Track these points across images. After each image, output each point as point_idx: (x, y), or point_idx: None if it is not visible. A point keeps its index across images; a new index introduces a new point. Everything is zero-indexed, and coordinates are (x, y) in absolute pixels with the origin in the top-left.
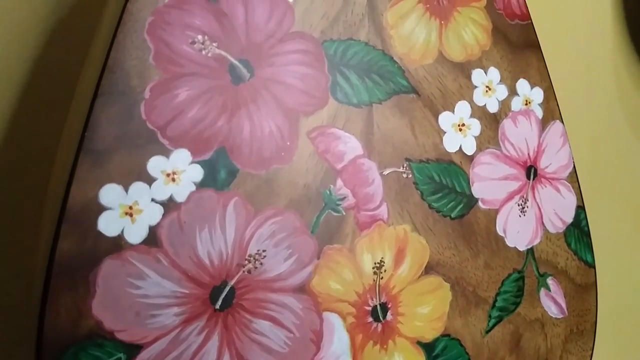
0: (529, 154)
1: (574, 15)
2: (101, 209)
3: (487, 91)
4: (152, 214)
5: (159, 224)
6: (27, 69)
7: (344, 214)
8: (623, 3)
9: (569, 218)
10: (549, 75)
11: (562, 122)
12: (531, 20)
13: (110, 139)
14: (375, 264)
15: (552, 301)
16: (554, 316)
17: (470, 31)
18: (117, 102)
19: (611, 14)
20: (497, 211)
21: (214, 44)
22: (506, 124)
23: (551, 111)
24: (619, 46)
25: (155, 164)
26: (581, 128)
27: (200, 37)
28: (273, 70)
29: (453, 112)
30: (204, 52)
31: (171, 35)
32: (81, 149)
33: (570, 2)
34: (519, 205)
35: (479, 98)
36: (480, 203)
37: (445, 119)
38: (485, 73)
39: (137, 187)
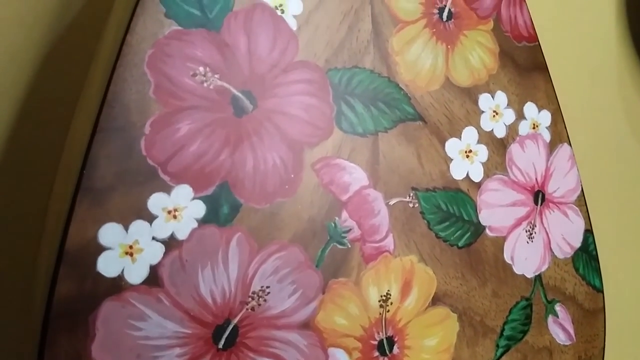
0: (536, 179)
1: (577, 23)
2: (100, 249)
3: (494, 116)
4: (153, 253)
5: (160, 262)
6: (22, 93)
7: (350, 246)
8: (626, 12)
9: (577, 243)
10: (556, 98)
11: (570, 144)
12: (538, 41)
13: (109, 176)
14: (381, 296)
15: (560, 328)
16: (562, 343)
17: (477, 55)
18: (116, 139)
19: (615, 23)
20: (504, 238)
21: (216, 76)
22: (514, 148)
23: (559, 134)
24: (623, 54)
25: (156, 201)
26: (587, 145)
27: (201, 69)
28: (277, 101)
29: (460, 138)
30: (205, 85)
31: (172, 68)
32: (79, 188)
33: (574, 11)
34: (526, 231)
35: (486, 123)
36: (487, 231)
37: (452, 146)
38: (493, 97)
39: (138, 225)
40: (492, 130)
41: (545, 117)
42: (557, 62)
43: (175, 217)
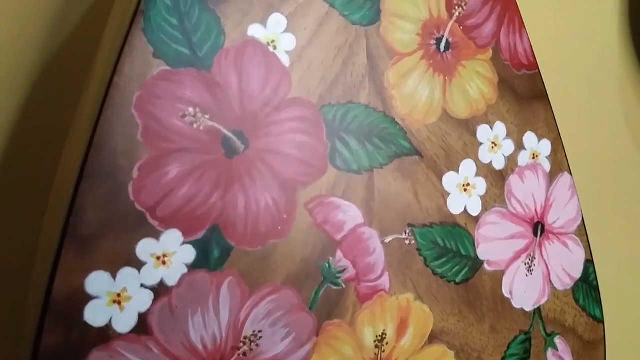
0: (536, 210)
1: (578, 35)
2: (88, 298)
3: (493, 147)
4: (142, 300)
5: (149, 310)
6: (12, 116)
7: (344, 286)
8: (630, 23)
9: (578, 273)
10: (556, 126)
11: (571, 173)
12: (538, 69)
13: (96, 223)
14: (376, 337)
15: None
16: None
17: (475, 85)
18: (103, 184)
19: (617, 35)
20: (503, 272)
21: (206, 116)
22: (513, 180)
23: (559, 163)
24: (625, 67)
25: (145, 247)
26: (587, 159)
27: (191, 109)
28: (269, 140)
29: (458, 171)
30: (195, 126)
31: (160, 110)
32: (66, 236)
33: (575, 21)
34: (525, 264)
35: (485, 155)
36: (485, 265)
37: (450, 180)
38: (491, 128)
39: (126, 272)
40: (491, 162)
41: (545, 147)
42: (558, 74)
43: (164, 263)
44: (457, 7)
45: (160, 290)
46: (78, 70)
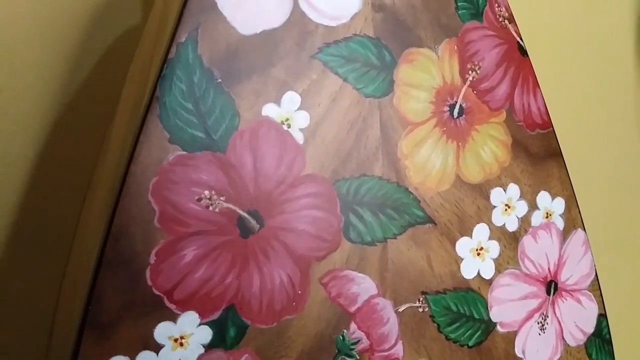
0: (549, 269)
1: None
2: None
3: (506, 209)
4: None
5: None
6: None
7: (358, 357)
8: None
9: (590, 328)
10: (570, 183)
11: (584, 229)
12: (552, 127)
13: (115, 310)
14: None
15: None
16: None
17: (488, 149)
18: (121, 271)
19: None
20: (516, 333)
21: (222, 198)
22: (526, 241)
23: (573, 220)
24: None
25: (163, 331)
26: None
27: (207, 192)
28: (283, 218)
29: (471, 236)
30: (211, 208)
31: (176, 195)
32: (85, 324)
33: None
34: (538, 323)
35: (498, 218)
36: (498, 327)
37: (463, 245)
38: (505, 191)
39: (145, 356)
40: (504, 224)
41: (558, 205)
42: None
43: (181, 344)
44: (470, 72)
45: None
46: (96, 115)
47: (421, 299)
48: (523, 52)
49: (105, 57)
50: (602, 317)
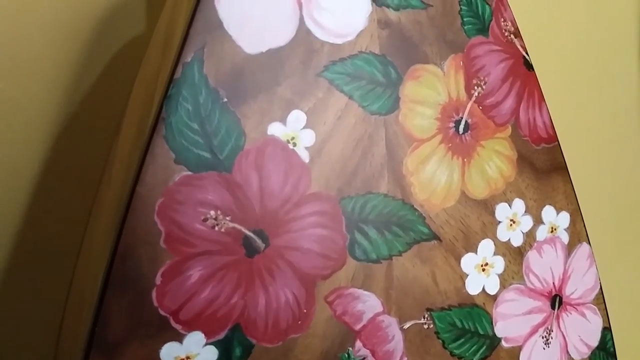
0: (554, 284)
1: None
2: None
3: (511, 225)
4: None
5: None
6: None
7: None
8: None
9: (595, 342)
10: (575, 197)
11: (589, 242)
12: (558, 141)
13: (121, 331)
14: None
15: None
16: None
17: (494, 165)
18: (128, 292)
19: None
20: (520, 347)
21: (227, 218)
22: (531, 255)
23: (577, 234)
24: None
25: (169, 351)
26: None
27: (212, 212)
28: (289, 237)
29: (476, 252)
30: (216, 228)
31: (182, 215)
32: (92, 345)
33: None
34: (543, 337)
35: (503, 233)
36: (503, 342)
37: (468, 261)
38: (510, 206)
39: None
40: (509, 239)
41: (563, 219)
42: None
43: None
44: (476, 87)
45: None
46: (100, 125)
47: (426, 315)
48: (529, 66)
49: (109, 66)
50: (607, 330)
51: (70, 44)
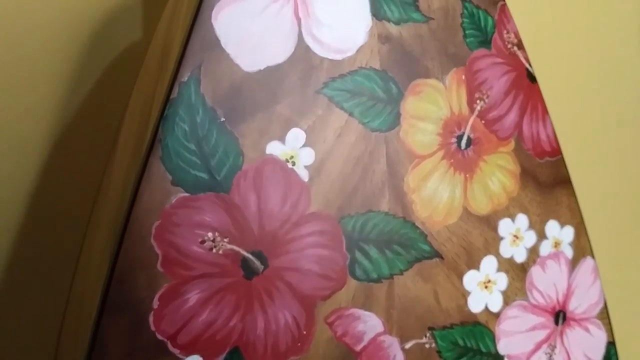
0: (557, 299)
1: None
2: None
3: (514, 240)
4: None
5: None
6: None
7: None
8: None
9: (599, 357)
10: (579, 210)
11: (593, 257)
12: (561, 154)
13: (118, 356)
14: None
15: None
16: None
17: (496, 180)
18: (125, 316)
19: None
20: None
21: (225, 240)
22: (534, 271)
23: (582, 248)
24: None
25: None
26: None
27: (210, 234)
28: (288, 258)
29: (478, 269)
30: (214, 250)
31: (180, 238)
32: None
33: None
34: (546, 353)
35: (506, 249)
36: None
37: (471, 279)
38: (513, 221)
39: None
40: (512, 256)
41: (567, 234)
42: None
43: None
44: (478, 101)
45: None
46: (97, 133)
47: (428, 334)
48: (532, 78)
49: (105, 75)
50: (611, 345)
51: (65, 53)
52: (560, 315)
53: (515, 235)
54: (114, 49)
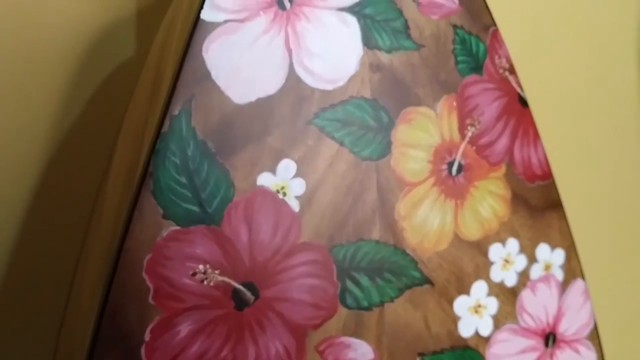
0: (548, 322)
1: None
2: None
3: (505, 265)
4: None
5: None
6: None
7: None
8: None
9: None
10: (570, 233)
11: (584, 278)
12: (552, 177)
13: None
14: None
15: None
16: None
17: (487, 205)
18: (117, 349)
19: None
20: None
21: (216, 272)
22: (524, 295)
23: (572, 271)
24: None
25: None
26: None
27: (201, 267)
28: (279, 288)
29: (469, 294)
30: (205, 282)
31: (171, 270)
32: None
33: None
34: None
35: (496, 274)
36: None
37: (461, 304)
38: (503, 246)
39: None
40: (503, 280)
41: (558, 256)
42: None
43: None
44: (469, 127)
45: None
46: (90, 155)
47: None
48: (523, 103)
49: (98, 93)
50: None
51: (59, 72)
52: (550, 337)
53: (505, 259)
54: (107, 66)
